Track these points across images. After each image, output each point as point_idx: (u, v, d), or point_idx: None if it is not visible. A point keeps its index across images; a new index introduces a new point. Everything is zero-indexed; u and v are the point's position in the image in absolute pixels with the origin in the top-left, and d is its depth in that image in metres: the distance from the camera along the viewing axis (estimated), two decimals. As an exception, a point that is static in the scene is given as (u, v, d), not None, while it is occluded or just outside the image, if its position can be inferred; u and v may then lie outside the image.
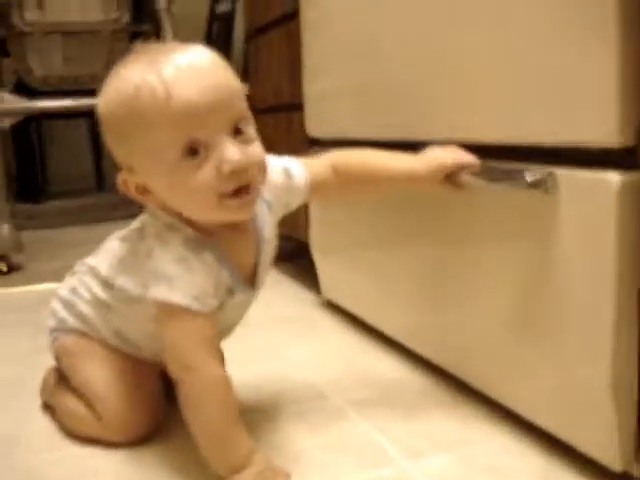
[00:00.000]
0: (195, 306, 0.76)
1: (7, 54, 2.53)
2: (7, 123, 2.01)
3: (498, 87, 0.82)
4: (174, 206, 0.79)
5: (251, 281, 0.86)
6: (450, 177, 0.87)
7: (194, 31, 3.58)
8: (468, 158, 0.86)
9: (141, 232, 0.84)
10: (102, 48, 2.46)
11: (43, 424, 0.98)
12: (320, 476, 0.79)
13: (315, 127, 1.39)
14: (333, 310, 1.43)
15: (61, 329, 0.97)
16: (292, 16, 1.47)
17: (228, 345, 1.02)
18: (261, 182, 0.79)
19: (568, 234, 0.73)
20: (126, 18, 2.29)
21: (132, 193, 0.80)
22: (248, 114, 0.79)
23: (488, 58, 0.83)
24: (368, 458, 0.83)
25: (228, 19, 3.41)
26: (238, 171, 0.74)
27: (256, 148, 0.78)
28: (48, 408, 1.02)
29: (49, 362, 1.16)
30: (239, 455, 0.76)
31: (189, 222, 0.80)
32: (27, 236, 2.13)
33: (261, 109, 1.71)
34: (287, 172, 0.90)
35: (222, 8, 3.55)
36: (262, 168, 0.79)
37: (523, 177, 0.75)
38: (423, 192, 0.98)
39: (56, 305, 0.99)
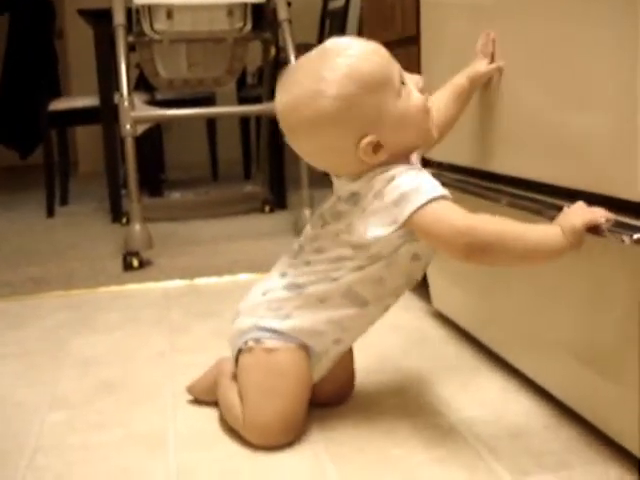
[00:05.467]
0: (445, 192, 0.92)
1: (133, 48, 2.67)
2: (139, 130, 2.16)
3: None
4: (398, 140, 0.95)
5: None
6: None
7: (307, 27, 3.68)
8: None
9: (355, 197, 0.97)
10: (224, 54, 2.60)
11: (188, 424, 1.11)
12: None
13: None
14: (443, 321, 1.51)
15: (257, 329, 1.02)
16: (413, 40, 1.54)
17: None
18: None
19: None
20: (248, 27, 2.41)
21: (367, 154, 0.94)
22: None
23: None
24: (478, 475, 0.92)
25: (341, 15, 3.49)
26: None
27: None
28: (201, 403, 1.15)
29: (188, 363, 1.30)
30: (550, 229, 0.88)
31: None
32: (151, 229, 2.25)
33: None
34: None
35: (335, 4, 3.63)
36: None
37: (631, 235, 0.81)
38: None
39: (257, 298, 1.05)
